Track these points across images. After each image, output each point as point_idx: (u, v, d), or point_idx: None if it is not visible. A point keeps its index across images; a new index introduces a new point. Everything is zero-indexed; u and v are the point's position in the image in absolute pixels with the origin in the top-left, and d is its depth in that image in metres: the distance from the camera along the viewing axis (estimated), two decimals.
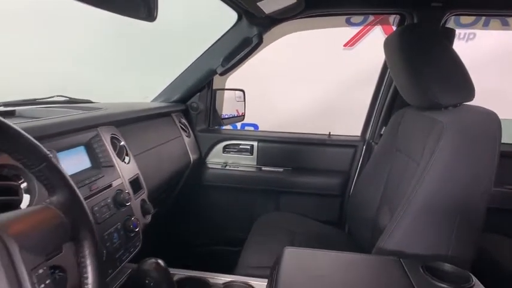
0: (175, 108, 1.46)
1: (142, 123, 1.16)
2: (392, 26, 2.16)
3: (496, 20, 2.15)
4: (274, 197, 1.60)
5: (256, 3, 1.02)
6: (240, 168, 1.57)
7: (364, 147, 1.51)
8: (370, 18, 2.29)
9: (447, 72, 0.90)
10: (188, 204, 1.63)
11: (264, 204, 1.60)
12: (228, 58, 1.35)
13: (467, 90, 0.89)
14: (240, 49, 1.33)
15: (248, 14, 1.23)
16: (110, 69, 2.50)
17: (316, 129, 1.64)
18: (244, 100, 1.62)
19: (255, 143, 1.55)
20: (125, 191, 0.84)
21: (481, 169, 0.83)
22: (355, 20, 2.30)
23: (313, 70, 2.39)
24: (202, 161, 1.57)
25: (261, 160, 1.56)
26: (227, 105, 1.65)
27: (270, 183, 1.55)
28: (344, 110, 2.23)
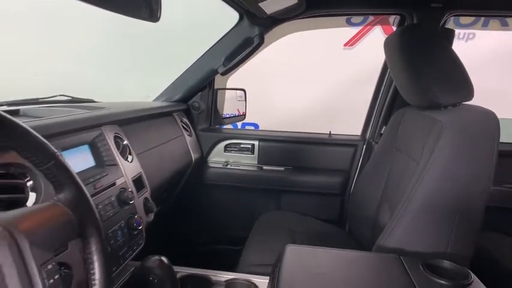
0: (177, 107, 1.46)
1: (144, 122, 1.17)
2: (392, 26, 2.17)
3: (495, 20, 2.16)
4: (275, 196, 1.61)
5: (258, 3, 1.03)
6: (241, 167, 1.58)
7: (365, 146, 1.52)
8: (370, 18, 2.30)
9: (447, 72, 0.91)
10: (189, 203, 1.64)
11: (265, 203, 1.61)
12: (229, 58, 1.36)
13: (467, 90, 0.90)
14: (241, 49, 1.34)
15: (249, 14, 1.23)
16: (111, 69, 2.50)
17: (316, 129, 1.65)
18: (245, 99, 1.63)
19: (256, 142, 1.56)
20: (128, 190, 0.85)
21: (480, 168, 0.84)
22: (355, 20, 2.31)
23: (313, 70, 2.40)
24: (203, 160, 1.58)
25: (262, 159, 1.57)
26: (228, 105, 1.66)
27: (270, 182, 1.56)
28: (344, 109, 2.24)
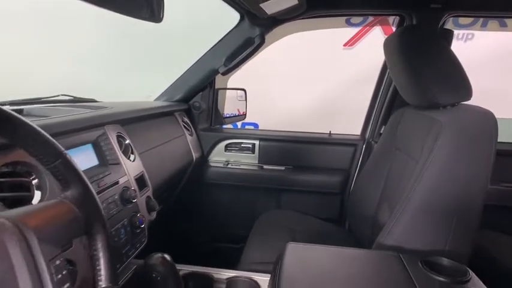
0: (178, 107, 1.47)
1: (146, 122, 1.18)
2: (392, 26, 2.18)
3: (494, 21, 2.17)
4: (275, 195, 1.62)
5: (259, 4, 1.04)
6: (241, 167, 1.59)
7: (364, 145, 1.53)
8: (369, 18, 2.31)
9: (445, 72, 0.92)
10: (190, 202, 1.65)
11: (265, 202, 1.62)
12: (230, 58, 1.37)
13: (465, 90, 0.91)
14: (242, 49, 1.35)
15: (250, 14, 1.24)
16: (111, 70, 2.50)
17: (316, 128, 1.66)
18: (246, 99, 1.64)
19: (257, 142, 1.57)
20: (131, 188, 0.86)
21: (478, 167, 0.85)
22: (355, 20, 2.32)
23: (313, 70, 2.41)
24: (204, 159, 1.59)
25: (263, 158, 1.58)
26: (228, 105, 1.67)
27: (271, 182, 1.57)
28: (344, 109, 2.25)
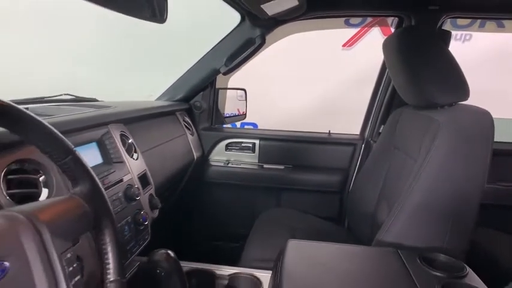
0: (179, 107, 1.49)
1: (148, 121, 1.19)
2: (391, 27, 2.20)
3: (491, 22, 2.20)
4: (275, 194, 1.63)
5: (260, 5, 1.05)
6: (242, 166, 1.60)
7: (363, 145, 1.55)
8: (368, 19, 2.33)
9: (443, 72, 0.94)
10: (191, 200, 1.66)
11: (265, 201, 1.63)
12: (231, 58, 1.39)
13: (463, 90, 0.93)
14: (243, 49, 1.37)
15: (251, 15, 1.26)
16: (111, 70, 2.52)
17: (315, 128, 1.67)
18: (246, 99, 1.65)
19: (257, 141, 1.59)
20: (135, 186, 0.88)
21: (475, 166, 0.87)
22: (354, 21, 2.34)
23: (312, 70, 2.43)
24: (205, 158, 1.61)
25: (263, 158, 1.60)
26: (228, 104, 1.69)
27: (271, 181, 1.59)
28: (343, 108, 2.26)
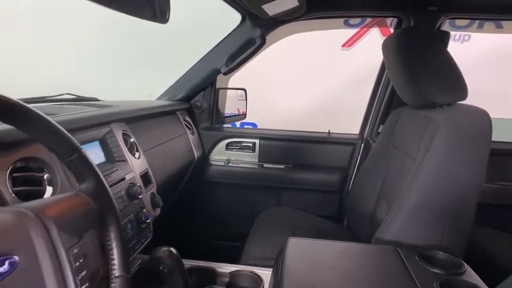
0: (180, 106, 1.50)
1: (149, 120, 1.20)
2: (390, 28, 2.21)
3: (490, 23, 2.21)
4: (275, 193, 1.64)
5: (261, 5, 1.06)
6: (242, 165, 1.61)
7: (363, 144, 1.56)
8: (367, 20, 2.34)
9: (442, 73, 0.95)
10: (192, 200, 1.67)
11: (265, 200, 1.64)
12: (231, 58, 1.40)
13: (461, 90, 0.94)
14: (243, 49, 1.38)
15: (252, 15, 1.27)
16: (110, 70, 2.52)
17: (314, 128, 1.69)
18: (246, 99, 1.66)
19: (257, 141, 1.60)
20: (137, 185, 0.88)
21: (473, 165, 0.88)
22: (353, 21, 2.35)
23: (311, 70, 2.44)
24: (205, 158, 1.62)
25: (263, 157, 1.61)
26: (228, 104, 1.70)
27: (271, 180, 1.60)
28: (343, 108, 2.27)
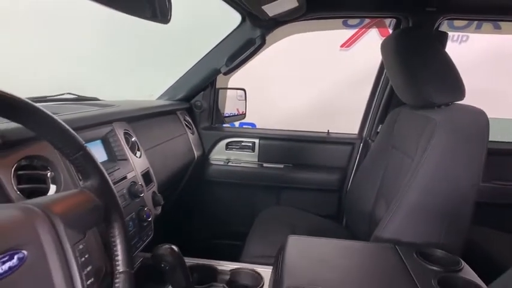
0: (180, 106, 1.51)
1: (150, 120, 1.21)
2: (389, 28, 2.22)
3: (488, 23, 2.23)
4: (275, 192, 1.65)
5: (261, 6, 1.07)
6: (242, 165, 1.62)
7: (362, 144, 1.57)
8: (366, 20, 2.35)
9: (440, 73, 0.96)
10: (192, 199, 1.68)
11: (265, 199, 1.65)
12: (232, 58, 1.41)
13: (459, 90, 0.95)
14: (243, 50, 1.39)
15: (252, 16, 1.28)
16: (111, 70, 2.53)
17: (313, 128, 1.70)
18: (245, 99, 1.67)
19: (257, 141, 1.61)
20: (138, 183, 0.89)
21: (471, 164, 0.89)
22: (352, 22, 2.36)
23: (310, 70, 2.45)
24: (205, 157, 1.63)
25: (263, 157, 1.62)
26: (228, 104, 1.71)
27: (271, 179, 1.61)
28: (342, 108, 2.28)
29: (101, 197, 0.51)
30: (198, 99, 1.59)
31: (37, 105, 0.44)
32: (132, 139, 0.98)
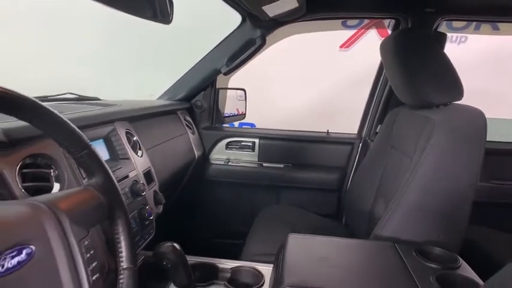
0: (181, 106, 1.51)
1: (151, 119, 1.22)
2: (388, 29, 2.24)
3: (486, 24, 2.25)
4: (275, 192, 1.66)
5: (261, 6, 1.08)
6: (242, 164, 1.63)
7: (361, 144, 1.58)
8: (365, 21, 2.36)
9: (438, 73, 0.97)
10: (192, 198, 1.68)
11: (265, 198, 1.66)
12: (232, 58, 1.42)
13: (457, 90, 0.96)
14: (243, 50, 1.39)
15: (252, 16, 1.29)
16: (111, 70, 2.53)
17: (313, 128, 1.70)
18: (245, 99, 1.68)
19: (257, 140, 1.62)
20: (140, 182, 0.90)
21: (469, 163, 0.90)
22: (351, 22, 2.37)
23: (310, 70, 2.46)
24: (205, 157, 1.63)
25: (262, 156, 1.62)
26: (228, 104, 1.72)
27: (271, 179, 1.61)
28: (341, 108, 2.29)
29: (105, 195, 0.52)
30: (199, 99, 1.60)
31: (44, 104, 0.44)
32: (134, 138, 0.99)
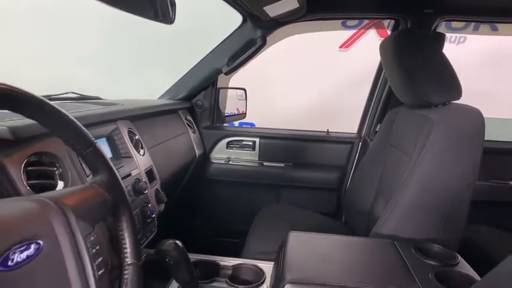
0: (182, 105, 1.52)
1: (152, 119, 1.22)
2: (387, 29, 2.25)
3: (485, 25, 2.26)
4: (275, 191, 1.67)
5: (262, 7, 1.09)
6: (242, 163, 1.64)
7: (360, 143, 1.60)
8: (365, 21, 2.38)
9: (437, 73, 0.98)
10: (192, 197, 1.69)
11: (265, 197, 1.67)
12: (233, 58, 1.42)
13: (455, 90, 0.97)
14: (244, 50, 1.40)
15: (253, 16, 1.29)
16: (110, 70, 2.54)
17: (312, 127, 1.71)
18: (246, 99, 1.69)
19: (257, 140, 1.63)
20: (142, 180, 0.91)
21: (467, 162, 0.92)
22: (351, 23, 2.39)
23: (309, 70, 2.47)
24: (206, 156, 1.64)
25: (263, 156, 1.63)
26: (228, 104, 1.73)
27: (271, 178, 1.62)
28: (340, 108, 2.30)
29: (110, 192, 0.53)
30: (199, 99, 1.61)
31: (51, 103, 0.45)
32: (136, 137, 1.00)
